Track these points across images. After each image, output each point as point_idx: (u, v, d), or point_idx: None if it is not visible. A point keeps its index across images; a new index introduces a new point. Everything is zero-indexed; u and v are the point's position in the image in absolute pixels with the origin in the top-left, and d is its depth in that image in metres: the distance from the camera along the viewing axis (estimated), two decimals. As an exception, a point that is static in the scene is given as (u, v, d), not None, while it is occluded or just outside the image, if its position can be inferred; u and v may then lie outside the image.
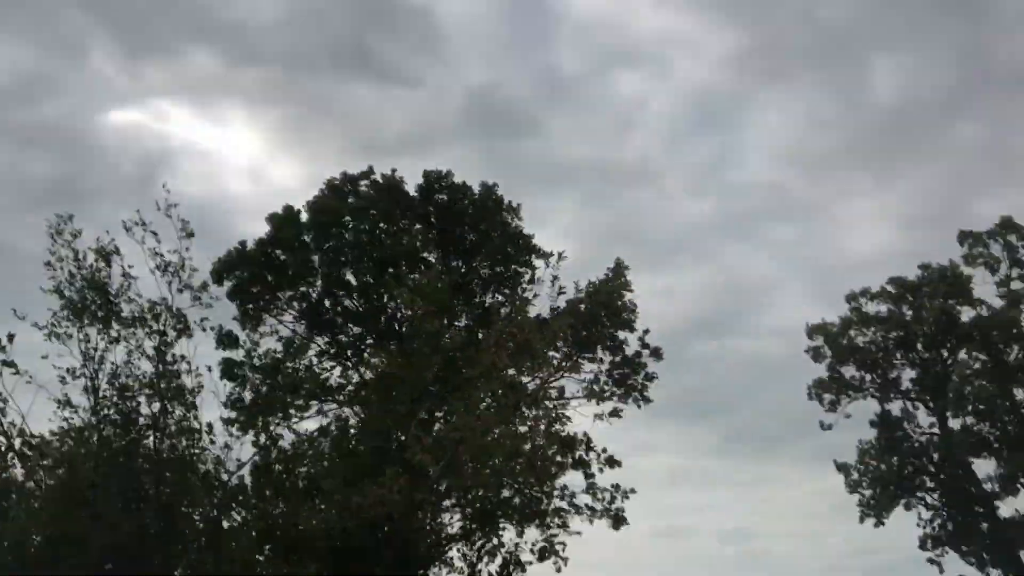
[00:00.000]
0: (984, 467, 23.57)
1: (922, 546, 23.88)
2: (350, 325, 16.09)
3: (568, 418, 11.91)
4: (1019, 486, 21.90)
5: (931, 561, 23.60)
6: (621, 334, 17.63)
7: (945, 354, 25.01)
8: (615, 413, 13.24)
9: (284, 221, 16.24)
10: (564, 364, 16.08)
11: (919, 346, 25.25)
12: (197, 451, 9.64)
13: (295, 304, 16.09)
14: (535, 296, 14.99)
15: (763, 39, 62.98)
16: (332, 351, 15.83)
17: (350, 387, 13.22)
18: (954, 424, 23.63)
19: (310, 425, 12.78)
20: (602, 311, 17.06)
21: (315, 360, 14.91)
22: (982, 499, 23.32)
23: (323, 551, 8.55)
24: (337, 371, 15.03)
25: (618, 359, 17.81)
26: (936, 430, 24.22)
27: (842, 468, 25.05)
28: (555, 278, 14.35)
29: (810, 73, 64.48)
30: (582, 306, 15.63)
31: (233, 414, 11.92)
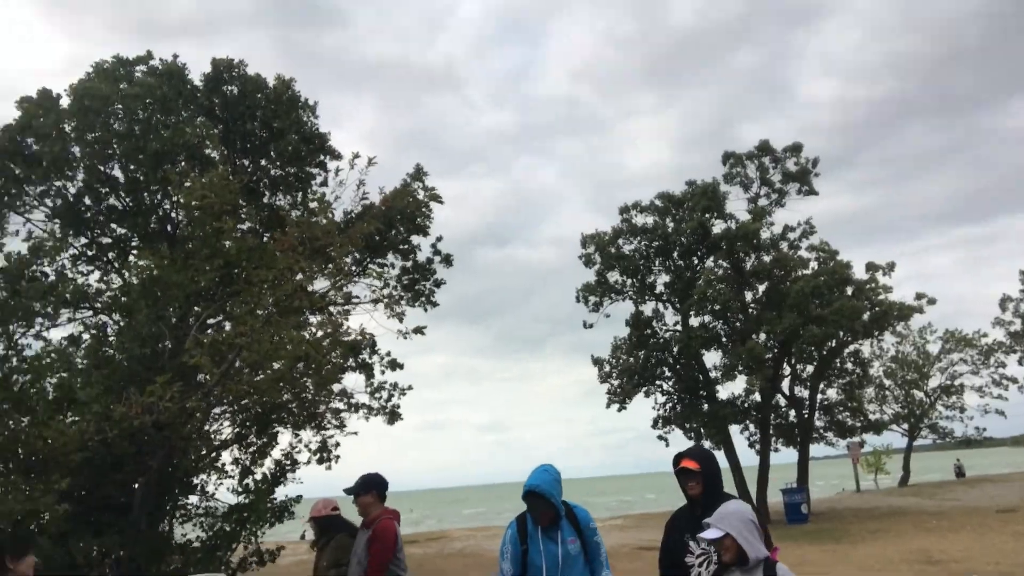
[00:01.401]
0: (712, 358, 26.70)
1: (654, 425, 26.97)
2: (114, 225, 14.16)
3: (370, 335, 11.44)
4: (735, 373, 25.02)
5: (660, 438, 26.73)
6: (415, 239, 17.31)
7: (695, 261, 27.35)
8: (419, 330, 12.91)
9: (39, 106, 13.71)
10: (355, 269, 15.54)
11: (675, 254, 27.38)
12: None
13: (48, 200, 13.84)
14: (336, 199, 14.10)
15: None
16: (91, 253, 13.90)
17: (110, 292, 11.74)
18: (694, 322, 26.19)
19: (60, 334, 11.32)
20: (398, 216, 16.50)
21: (69, 263, 13.04)
22: (707, 384, 26.51)
23: (76, 464, 7.61)
24: (96, 275, 13.28)
25: (409, 264, 17.54)
26: (679, 327, 26.73)
27: (596, 362, 27.25)
28: (361, 183, 13.51)
29: None
30: (380, 211, 14.98)
31: (-33, 322, 10.19)
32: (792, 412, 27.53)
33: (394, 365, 13.66)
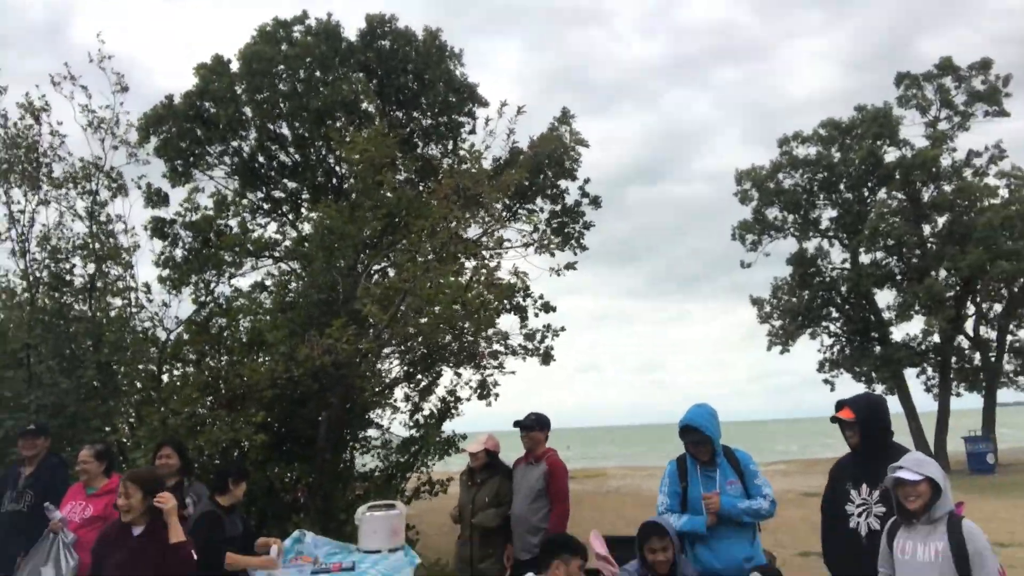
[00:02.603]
0: (886, 298, 24.88)
1: (820, 369, 25.66)
2: (285, 180, 15.27)
3: (524, 274, 11.69)
4: (912, 313, 23.21)
5: (825, 382, 25.42)
6: (563, 183, 17.35)
7: (866, 194, 25.46)
8: (570, 266, 12.99)
9: (213, 72, 14.92)
10: (505, 214, 15.83)
11: (842, 187, 25.61)
12: (135, 309, 9.30)
13: (227, 159, 15.11)
14: (487, 147, 14.45)
15: None
16: (267, 207, 15.11)
17: (287, 242, 12.73)
18: (865, 260, 24.48)
19: (247, 281, 12.45)
20: (546, 161, 16.58)
21: (249, 216, 14.24)
22: (879, 325, 24.78)
23: (269, 399, 8.44)
24: (272, 227, 14.45)
25: (558, 208, 17.64)
26: (847, 265, 25.12)
27: (756, 302, 26.17)
28: (511, 131, 13.70)
29: None
30: (528, 156, 15.12)
31: (166, 272, 11.46)
32: (977, 355, 25.26)
33: (547, 308, 13.89)
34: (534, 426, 6.25)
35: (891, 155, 24.34)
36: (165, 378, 9.14)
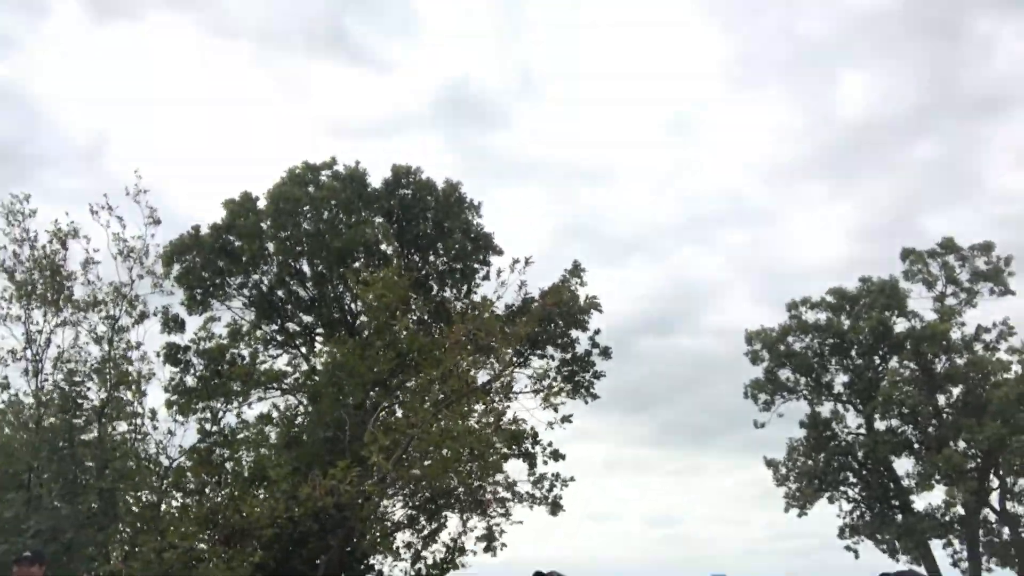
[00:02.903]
0: (903, 465, 24.35)
1: (840, 535, 24.73)
2: (301, 314, 15.64)
3: (523, 421, 11.69)
4: (933, 483, 22.65)
5: (848, 548, 24.43)
6: (573, 333, 17.63)
7: (877, 361, 25.57)
8: (566, 419, 13.07)
9: (240, 207, 15.70)
10: (516, 361, 15.98)
11: (853, 353, 25.75)
12: (140, 436, 9.26)
13: (245, 291, 15.56)
14: (498, 297, 14.86)
15: (740, 49, 63.84)
16: (280, 339, 15.36)
17: (297, 375, 12.84)
18: (880, 426, 24.19)
19: (254, 412, 12.42)
20: (557, 311, 16.95)
21: (262, 348, 14.46)
22: (899, 494, 24.12)
23: (268, 538, 8.23)
24: (284, 359, 14.63)
25: (568, 356, 17.81)
26: (863, 431, 24.79)
27: (771, 464, 25.65)
28: (523, 283, 14.11)
29: (782, 85, 65.61)
30: (540, 308, 15.51)
31: (174, 398, 11.48)
32: (1005, 529, 24.29)
33: (556, 455, 13.74)
34: None
35: (900, 325, 24.74)
36: (163, 507, 8.95)
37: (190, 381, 12.40)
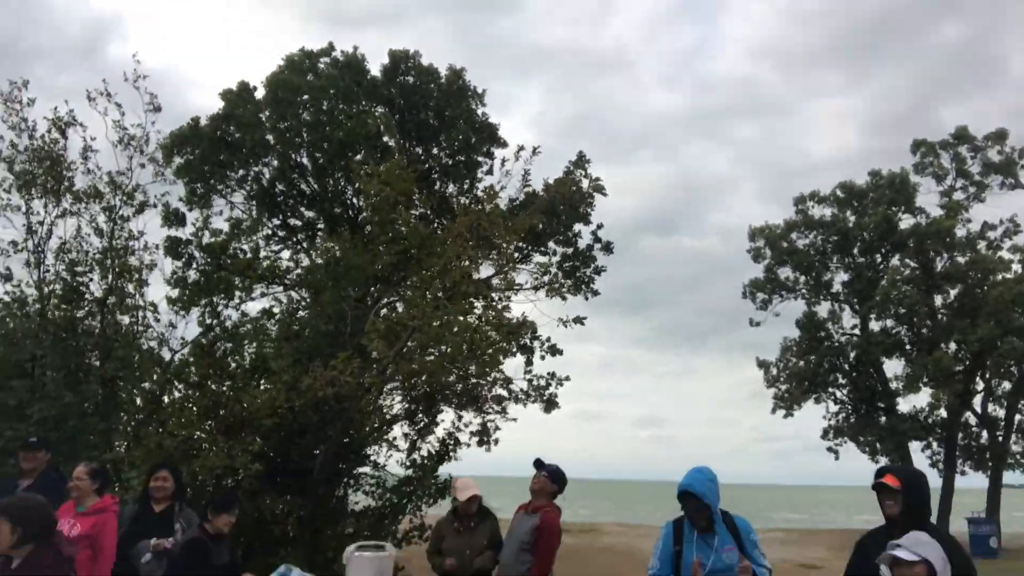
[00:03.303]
0: (894, 367, 24.69)
1: (824, 436, 25.31)
2: (303, 208, 15.49)
3: (525, 316, 11.68)
4: (920, 385, 22.95)
5: (829, 450, 25.11)
6: (576, 227, 17.51)
7: (879, 259, 25.45)
8: (579, 320, 13.00)
9: (239, 97, 15.26)
10: (517, 256, 15.93)
11: (856, 251, 25.61)
12: (142, 328, 9.39)
13: (246, 185, 15.35)
14: (502, 188, 14.60)
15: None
16: (282, 234, 15.29)
17: (299, 271, 12.86)
18: (874, 327, 24.37)
19: (256, 307, 12.53)
20: (560, 205, 16.74)
21: (263, 243, 14.43)
22: (885, 396, 24.55)
23: (268, 428, 8.45)
24: (286, 254, 14.61)
25: (570, 252, 17.76)
26: (857, 331, 25.00)
27: (763, 364, 25.99)
28: (526, 173, 13.83)
29: None
30: (544, 200, 15.27)
31: (175, 293, 11.56)
32: (984, 433, 24.95)
33: (554, 351, 13.88)
34: (550, 475, 6.17)
35: (906, 222, 24.40)
36: (166, 399, 9.19)
37: (192, 275, 12.44)
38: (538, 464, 6.27)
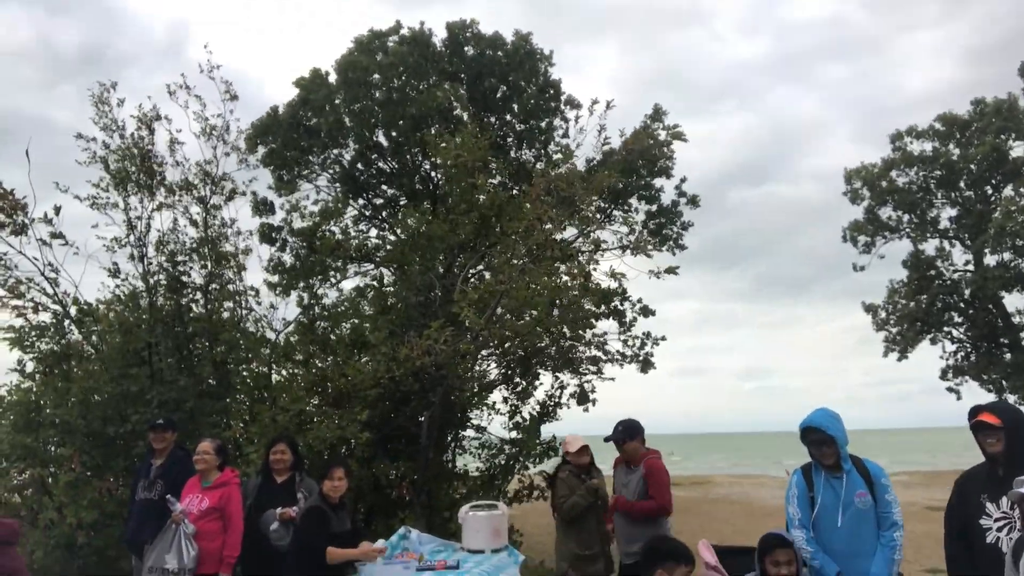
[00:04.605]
0: (1014, 302, 23.29)
1: (943, 376, 24.22)
2: (384, 187, 15.76)
3: (622, 275, 11.51)
4: (1047, 317, 21.60)
5: (950, 390, 23.98)
6: (658, 182, 17.18)
7: (990, 191, 23.99)
8: (671, 270, 12.75)
9: (312, 84, 15.60)
10: (600, 216, 15.76)
11: (962, 184, 24.21)
12: (245, 311, 9.81)
13: (328, 168, 15.74)
14: (578, 146, 14.41)
15: None
16: (368, 213, 15.62)
17: (387, 247, 13.14)
18: (989, 261, 23.01)
19: (351, 285, 12.87)
20: (639, 160, 16.42)
21: (351, 223, 14.78)
22: (1008, 331, 23.22)
23: (372, 398, 8.73)
24: (373, 233, 14.93)
25: (654, 208, 17.45)
26: (970, 267, 23.67)
27: (870, 308, 24.99)
28: (602, 128, 13.60)
29: None
30: (621, 156, 15.02)
31: (275, 278, 12.01)
32: None
33: (646, 312, 13.73)
34: (623, 438, 6.15)
35: (1018, 150, 22.86)
36: (275, 378, 9.59)
37: (288, 260, 12.88)
38: (609, 440, 6.25)
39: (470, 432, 10.65)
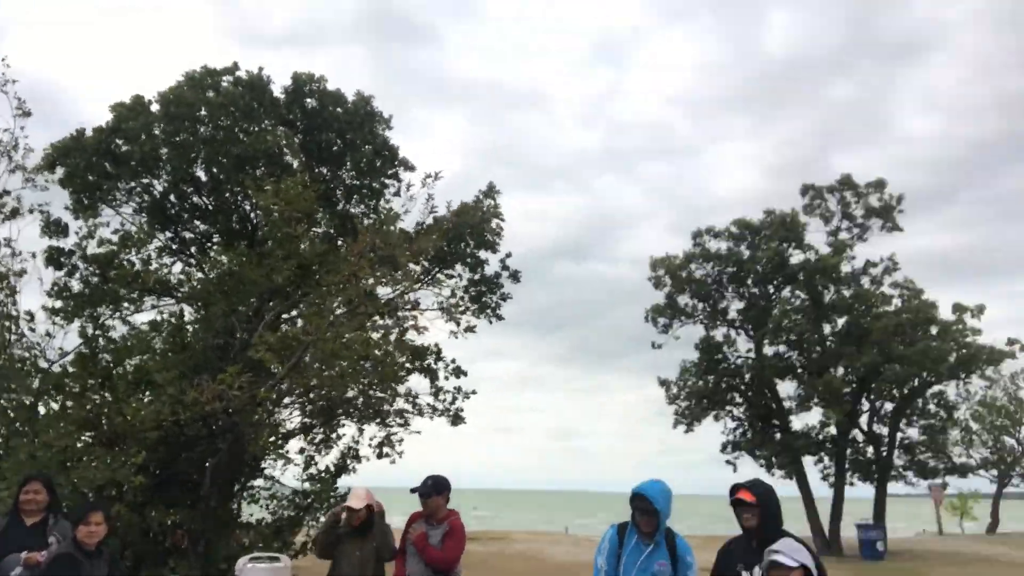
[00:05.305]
0: (786, 388, 26.31)
1: (723, 449, 26.76)
2: (197, 222, 15.02)
3: (425, 329, 11.71)
4: (811, 404, 24.59)
5: (728, 463, 26.52)
6: (483, 254, 17.69)
7: (771, 290, 27.02)
8: (470, 329, 13.28)
9: (130, 111, 14.75)
10: (423, 278, 15.97)
11: (749, 282, 27.09)
12: (15, 336, 8.89)
13: (136, 197, 14.79)
14: (406, 212, 14.63)
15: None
16: (174, 247, 14.76)
17: (192, 283, 12.49)
18: (768, 351, 25.78)
19: (145, 319, 12.01)
20: (467, 231, 16.90)
21: (154, 255, 13.87)
22: (780, 414, 26.15)
23: (152, 440, 8.14)
24: (178, 267, 14.10)
25: (476, 277, 17.91)
26: (752, 355, 26.37)
27: (664, 383, 27.18)
28: (430, 196, 13.93)
29: (709, 18, 65.53)
30: (447, 225, 15.42)
31: (59, 303, 11.00)
32: (870, 448, 26.68)
33: (458, 372, 13.97)
34: (431, 492, 6.22)
35: (796, 257, 26.12)
36: (42, 410, 8.70)
37: (75, 286, 11.83)
38: (415, 491, 6.30)
39: (260, 481, 10.15)
